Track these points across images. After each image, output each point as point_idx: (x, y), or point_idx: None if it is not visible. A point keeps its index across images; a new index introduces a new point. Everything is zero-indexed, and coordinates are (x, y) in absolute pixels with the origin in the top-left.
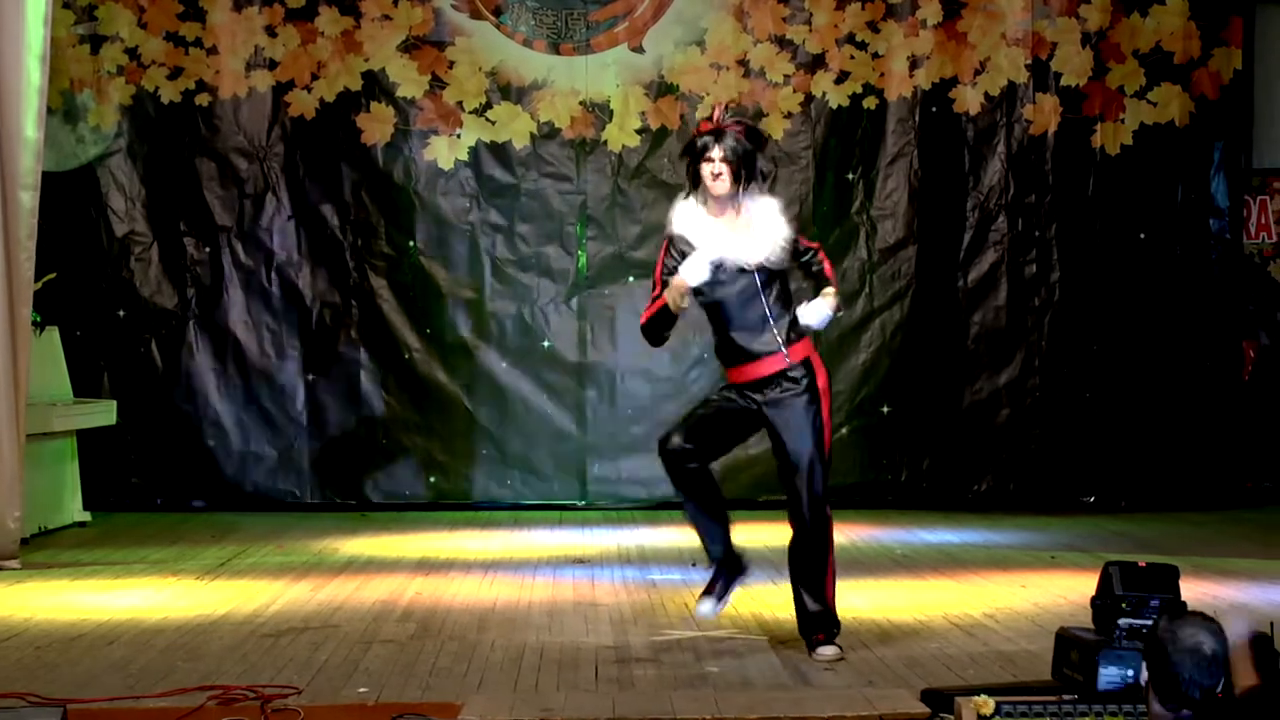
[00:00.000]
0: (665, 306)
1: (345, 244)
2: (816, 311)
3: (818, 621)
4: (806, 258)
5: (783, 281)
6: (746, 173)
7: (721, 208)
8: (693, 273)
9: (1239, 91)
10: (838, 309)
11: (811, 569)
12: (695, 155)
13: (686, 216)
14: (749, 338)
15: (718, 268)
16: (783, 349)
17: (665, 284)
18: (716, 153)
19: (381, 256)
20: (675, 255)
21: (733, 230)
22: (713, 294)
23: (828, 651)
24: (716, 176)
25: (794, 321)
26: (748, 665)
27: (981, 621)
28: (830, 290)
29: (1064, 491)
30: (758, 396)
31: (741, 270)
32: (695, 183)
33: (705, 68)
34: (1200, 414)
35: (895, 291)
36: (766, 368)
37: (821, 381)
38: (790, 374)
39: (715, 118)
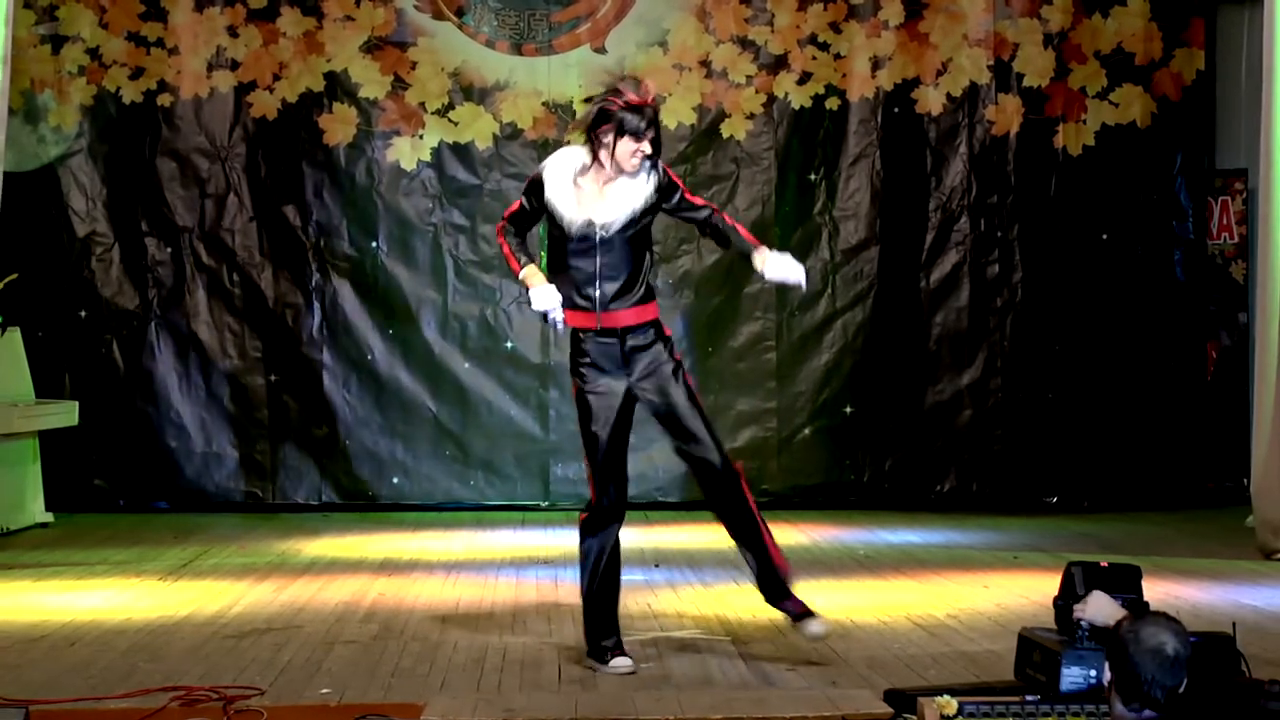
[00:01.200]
0: (516, 272)
1: (307, 245)
2: (782, 267)
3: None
4: (691, 213)
5: (629, 243)
6: (657, 159)
7: (610, 173)
8: (542, 301)
9: (1201, 93)
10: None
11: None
12: (622, 130)
13: (566, 170)
14: (582, 289)
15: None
16: (596, 309)
17: (524, 206)
18: (649, 135)
19: (344, 257)
20: (534, 198)
21: (598, 192)
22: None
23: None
24: (641, 159)
25: (630, 284)
26: (710, 665)
27: (944, 622)
28: (759, 247)
29: (1026, 492)
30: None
31: (582, 232)
32: (599, 148)
33: (668, 68)
34: (1162, 414)
35: (857, 292)
36: (584, 320)
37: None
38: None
39: (650, 100)
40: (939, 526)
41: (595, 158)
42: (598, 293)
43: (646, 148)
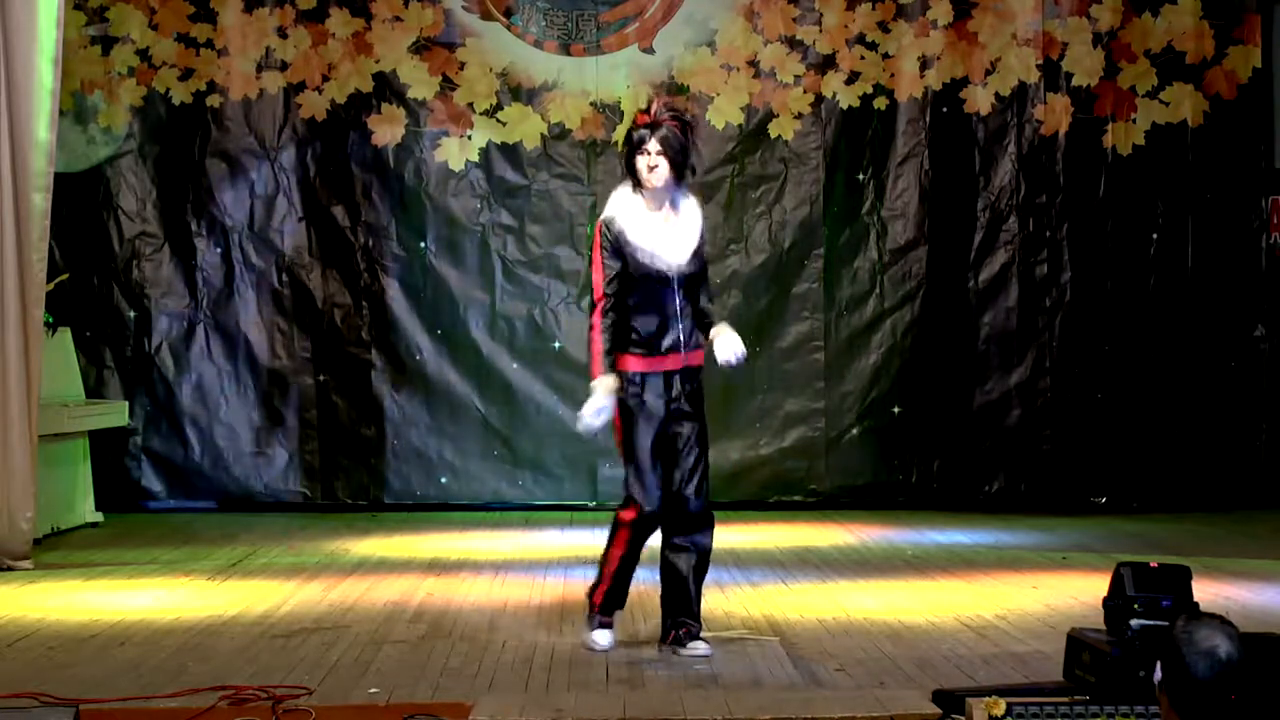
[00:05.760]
0: (595, 374)
1: (356, 245)
2: (730, 345)
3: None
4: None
5: (692, 286)
6: (681, 165)
7: (657, 202)
8: (597, 415)
9: (1257, 90)
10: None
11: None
12: (632, 147)
13: (626, 207)
14: (659, 332)
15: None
16: (683, 350)
17: (608, 268)
18: (653, 145)
19: (392, 257)
20: (609, 243)
21: (664, 229)
22: (635, 287)
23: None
24: (653, 169)
25: (695, 327)
26: (758, 666)
27: (993, 622)
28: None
29: (1075, 492)
30: (665, 396)
31: (661, 270)
32: (633, 175)
33: (715, 68)
34: (1211, 415)
35: (906, 292)
36: (669, 364)
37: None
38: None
39: (652, 111)
40: (987, 527)
41: (638, 188)
42: (670, 337)
43: (653, 157)
